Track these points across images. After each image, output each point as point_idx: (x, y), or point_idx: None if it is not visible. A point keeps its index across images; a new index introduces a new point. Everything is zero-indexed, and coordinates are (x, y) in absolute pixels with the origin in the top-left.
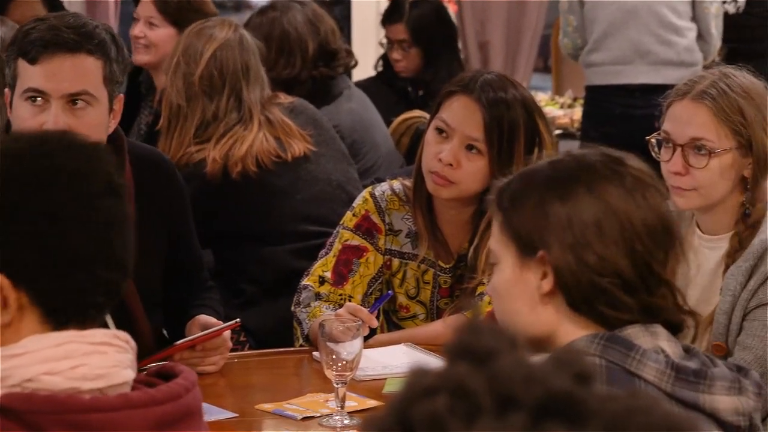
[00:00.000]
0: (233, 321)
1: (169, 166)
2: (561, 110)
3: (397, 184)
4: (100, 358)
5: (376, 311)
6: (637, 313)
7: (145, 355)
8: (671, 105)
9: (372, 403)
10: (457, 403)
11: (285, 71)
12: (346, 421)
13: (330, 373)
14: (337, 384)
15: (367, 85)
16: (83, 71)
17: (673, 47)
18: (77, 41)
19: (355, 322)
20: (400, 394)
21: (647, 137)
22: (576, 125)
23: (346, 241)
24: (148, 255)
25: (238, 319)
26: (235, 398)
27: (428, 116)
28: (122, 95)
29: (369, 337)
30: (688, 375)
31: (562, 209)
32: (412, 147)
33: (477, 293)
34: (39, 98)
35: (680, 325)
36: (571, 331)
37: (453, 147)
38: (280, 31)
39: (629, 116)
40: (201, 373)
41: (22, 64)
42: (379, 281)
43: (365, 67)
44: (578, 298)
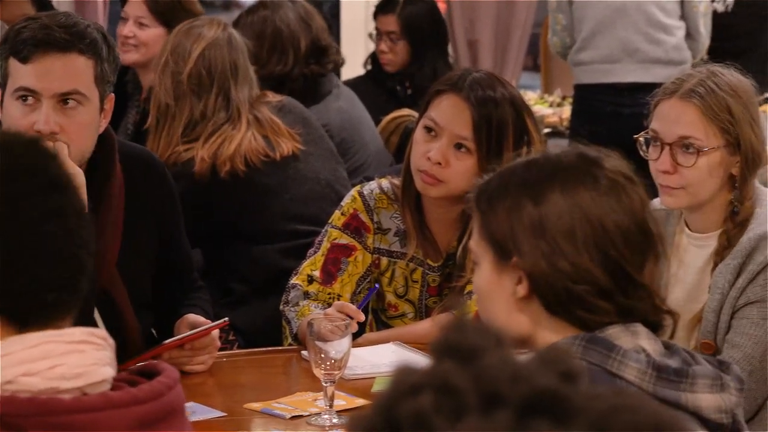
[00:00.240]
0: (221, 320)
1: (160, 165)
2: (550, 109)
3: (385, 183)
4: (78, 357)
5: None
6: (614, 315)
7: (134, 355)
8: (659, 103)
9: (360, 401)
10: (443, 400)
11: (277, 68)
12: (334, 420)
13: (318, 372)
14: (326, 383)
15: (356, 83)
16: (74, 71)
17: (661, 46)
18: (69, 41)
19: (344, 320)
20: (386, 392)
21: (636, 136)
22: (565, 124)
23: (334, 239)
24: (139, 255)
25: (226, 318)
26: (224, 397)
27: (417, 115)
28: (113, 95)
29: (357, 335)
30: (669, 374)
31: (534, 212)
32: (401, 146)
33: (465, 292)
34: (30, 97)
35: (659, 325)
36: (550, 335)
37: (442, 146)
38: (273, 28)
39: (618, 115)
40: (189, 372)
41: (14, 63)
42: (367, 280)
43: (354, 66)
44: (554, 302)
